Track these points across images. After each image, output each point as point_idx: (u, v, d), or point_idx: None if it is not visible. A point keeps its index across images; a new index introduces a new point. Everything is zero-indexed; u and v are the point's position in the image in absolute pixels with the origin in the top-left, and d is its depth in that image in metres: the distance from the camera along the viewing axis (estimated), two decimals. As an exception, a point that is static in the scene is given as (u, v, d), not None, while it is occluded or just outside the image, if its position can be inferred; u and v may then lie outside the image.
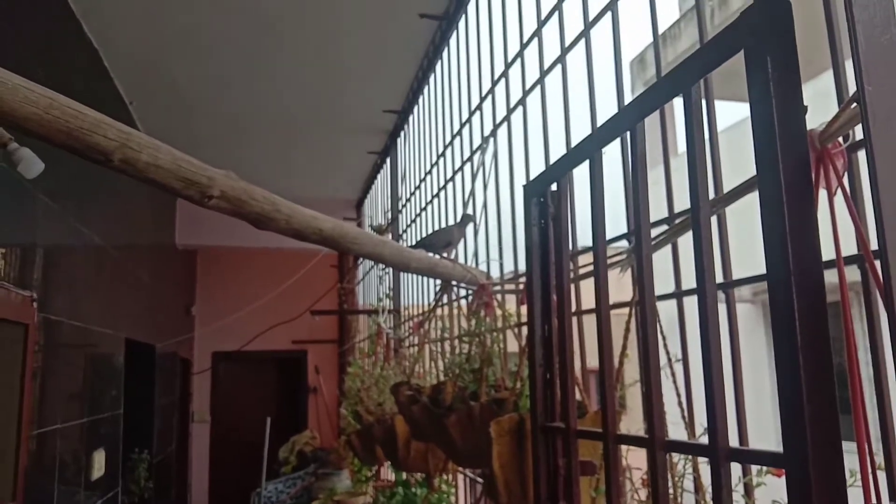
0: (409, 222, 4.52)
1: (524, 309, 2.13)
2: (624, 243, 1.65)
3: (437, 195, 3.79)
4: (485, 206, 2.70)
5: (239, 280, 7.51)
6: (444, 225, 3.59)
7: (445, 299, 2.84)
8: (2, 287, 2.33)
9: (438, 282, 3.94)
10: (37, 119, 1.00)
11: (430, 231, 3.77)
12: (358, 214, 6.60)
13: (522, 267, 2.20)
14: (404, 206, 4.61)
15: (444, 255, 2.30)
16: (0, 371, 2.44)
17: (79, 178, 3.19)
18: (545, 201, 1.21)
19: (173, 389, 6.13)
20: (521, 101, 2.49)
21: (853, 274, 1.05)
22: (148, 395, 4.89)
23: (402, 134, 4.63)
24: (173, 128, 4.73)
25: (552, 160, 2.19)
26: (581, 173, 1.20)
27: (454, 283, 2.51)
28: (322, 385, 7.24)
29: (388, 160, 5.13)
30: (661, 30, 1.82)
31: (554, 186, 1.22)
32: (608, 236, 1.36)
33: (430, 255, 2.27)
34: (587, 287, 1.85)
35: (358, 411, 3.69)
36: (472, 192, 2.65)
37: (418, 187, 4.30)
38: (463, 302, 2.87)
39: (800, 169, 0.68)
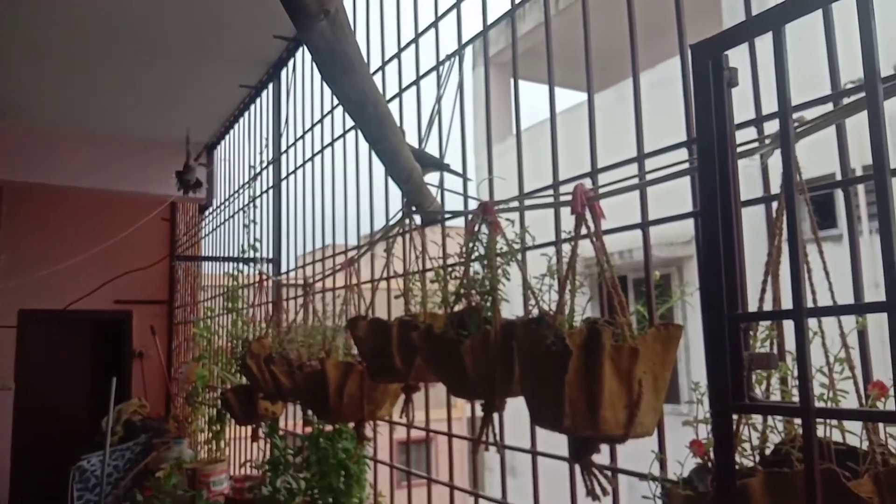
0: (296, 166, 4.11)
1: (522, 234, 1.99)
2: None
3: (344, 136, 3.45)
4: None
5: (53, 227, 6.48)
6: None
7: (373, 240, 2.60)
8: None
9: (322, 231, 3.64)
10: None
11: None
12: (209, 160, 5.95)
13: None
14: (291, 146, 4.19)
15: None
16: None
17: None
18: (721, 65, 1.07)
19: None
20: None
21: None
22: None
23: (290, 65, 4.20)
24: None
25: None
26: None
27: (414, 210, 2.28)
28: (159, 347, 6.51)
29: (263, 95, 4.65)
30: None
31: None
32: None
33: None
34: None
35: (247, 363, 3.32)
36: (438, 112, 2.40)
37: (309, 130, 3.92)
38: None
39: None
